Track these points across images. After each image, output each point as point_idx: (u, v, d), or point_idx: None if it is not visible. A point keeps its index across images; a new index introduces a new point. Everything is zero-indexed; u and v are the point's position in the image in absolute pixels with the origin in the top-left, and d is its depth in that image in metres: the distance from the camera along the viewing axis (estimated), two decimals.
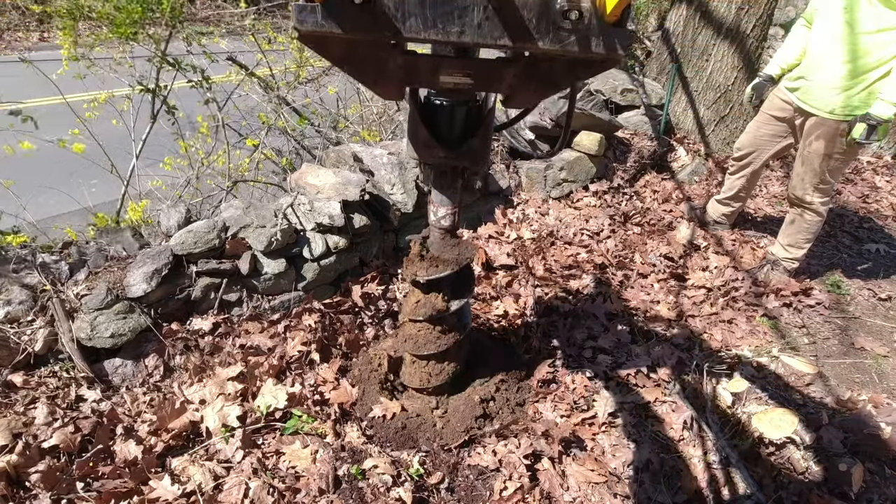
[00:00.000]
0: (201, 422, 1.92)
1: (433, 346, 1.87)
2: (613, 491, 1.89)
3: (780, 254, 3.08)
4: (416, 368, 1.99)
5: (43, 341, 1.87)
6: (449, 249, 1.72)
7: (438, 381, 1.97)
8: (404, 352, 2.02)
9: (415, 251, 1.75)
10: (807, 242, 2.98)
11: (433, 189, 1.63)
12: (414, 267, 1.74)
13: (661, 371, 2.34)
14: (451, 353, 1.95)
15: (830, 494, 1.76)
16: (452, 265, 1.70)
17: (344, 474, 1.78)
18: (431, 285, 1.78)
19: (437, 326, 1.85)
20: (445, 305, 1.79)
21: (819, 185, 2.81)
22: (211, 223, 2.32)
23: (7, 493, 1.57)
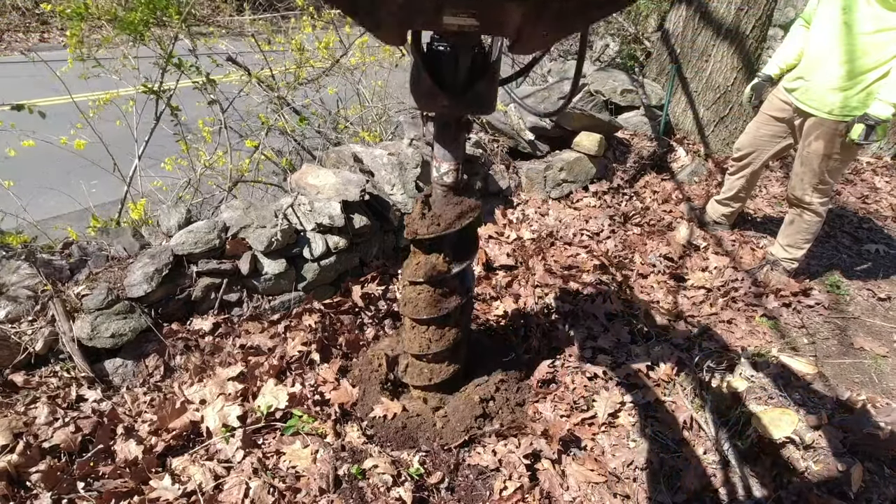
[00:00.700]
0: (202, 422, 1.92)
1: (434, 310, 1.80)
2: (613, 491, 1.89)
3: (780, 254, 3.09)
4: (415, 334, 1.91)
5: (43, 341, 1.88)
6: (451, 208, 1.65)
7: (439, 348, 1.89)
8: (404, 316, 1.92)
9: (416, 210, 1.68)
10: (806, 243, 2.98)
11: (435, 143, 1.57)
12: (415, 225, 1.67)
13: (660, 371, 2.35)
14: (453, 319, 1.88)
15: (830, 494, 1.76)
16: (455, 224, 1.64)
17: (344, 474, 1.78)
18: (433, 246, 1.72)
19: (437, 289, 1.78)
20: (447, 266, 1.73)
21: (818, 186, 2.81)
22: (211, 223, 2.32)
23: (8, 493, 1.57)
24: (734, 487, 1.86)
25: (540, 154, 3.84)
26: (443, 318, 1.83)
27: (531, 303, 2.70)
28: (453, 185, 1.63)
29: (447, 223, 1.64)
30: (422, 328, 1.88)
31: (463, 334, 1.94)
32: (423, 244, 1.72)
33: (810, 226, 2.93)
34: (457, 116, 1.50)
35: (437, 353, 1.90)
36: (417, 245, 1.75)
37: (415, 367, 2.02)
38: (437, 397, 2.07)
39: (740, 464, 1.89)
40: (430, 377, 1.98)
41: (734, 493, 1.84)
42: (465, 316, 1.96)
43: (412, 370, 2.03)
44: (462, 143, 1.58)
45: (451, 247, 1.74)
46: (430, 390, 2.05)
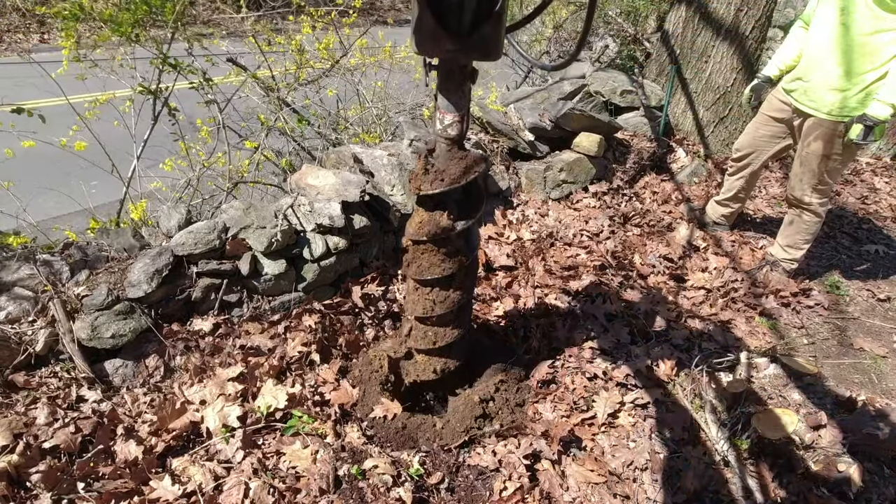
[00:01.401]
0: (202, 422, 1.92)
1: (437, 270, 1.74)
2: (613, 491, 1.89)
3: (779, 254, 3.09)
4: (418, 296, 1.85)
5: (44, 342, 1.88)
6: (456, 162, 1.59)
7: (442, 310, 1.83)
8: (407, 277, 1.84)
9: (420, 165, 1.62)
10: (805, 243, 2.99)
11: (439, 94, 1.50)
12: (418, 181, 1.61)
13: (660, 371, 2.35)
14: (457, 280, 1.81)
15: (829, 494, 1.77)
16: (459, 178, 1.57)
17: (344, 474, 1.78)
18: (437, 203, 1.65)
19: (441, 248, 1.71)
20: (451, 224, 1.65)
21: (817, 186, 2.82)
22: (211, 224, 2.33)
23: (8, 494, 1.57)
24: (734, 488, 1.86)
25: (540, 155, 3.84)
26: (447, 279, 1.77)
27: (531, 303, 2.70)
28: (457, 137, 1.56)
29: (451, 178, 1.57)
30: (426, 289, 1.82)
31: (467, 296, 1.89)
32: (427, 201, 1.66)
33: (809, 226, 2.93)
34: (461, 63, 1.43)
35: (441, 315, 1.85)
36: (421, 202, 1.68)
37: (418, 331, 1.97)
38: (442, 361, 2.02)
39: (740, 464, 1.89)
40: (435, 340, 1.93)
41: (734, 494, 1.84)
42: (470, 277, 1.89)
43: (416, 333, 1.98)
44: (467, 93, 1.50)
45: (456, 203, 1.68)
46: (434, 354, 2.01)
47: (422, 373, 2.06)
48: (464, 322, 1.97)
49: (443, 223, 1.64)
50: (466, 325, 1.99)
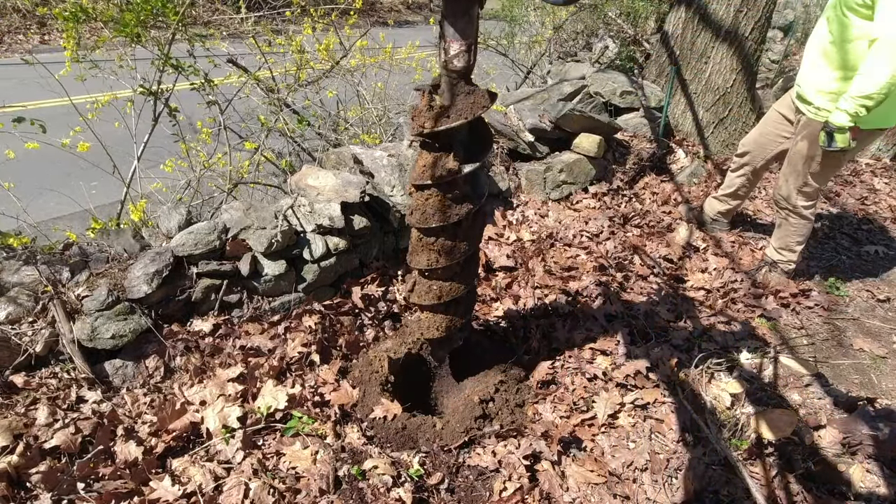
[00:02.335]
0: (202, 423, 1.92)
1: (443, 217, 1.64)
2: (613, 492, 1.90)
3: (774, 256, 3.10)
4: (422, 246, 1.75)
5: (44, 342, 1.88)
6: (462, 97, 1.49)
7: (448, 262, 1.73)
8: (411, 225, 1.74)
9: (423, 102, 1.52)
10: (798, 245, 2.99)
11: (444, 21, 1.40)
12: (421, 118, 1.50)
13: (660, 372, 2.35)
14: (464, 228, 1.72)
15: (829, 495, 1.77)
16: (466, 114, 1.47)
17: (344, 475, 1.78)
18: (442, 143, 1.55)
19: (447, 194, 1.62)
20: (457, 165, 1.56)
21: (802, 188, 2.82)
22: (211, 225, 2.33)
23: (8, 494, 1.57)
24: (734, 488, 1.86)
25: (539, 155, 3.85)
26: (453, 227, 1.68)
27: (531, 304, 2.70)
28: (464, 69, 1.45)
29: (458, 114, 1.47)
30: (429, 240, 1.72)
31: (474, 247, 1.80)
32: (431, 142, 1.56)
33: (798, 228, 2.95)
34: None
35: (447, 267, 1.75)
36: (425, 144, 1.58)
37: (422, 286, 1.87)
38: (447, 318, 1.93)
39: (740, 464, 1.89)
40: (440, 295, 1.84)
41: (734, 494, 1.84)
42: (477, 226, 1.80)
43: (419, 289, 1.88)
44: (475, 19, 1.40)
45: (462, 144, 1.59)
46: (439, 311, 1.93)
47: (426, 331, 1.99)
48: (470, 276, 1.89)
49: (448, 165, 1.54)
50: (473, 279, 1.91)
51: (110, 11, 2.84)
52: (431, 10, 16.02)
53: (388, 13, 16.16)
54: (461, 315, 1.99)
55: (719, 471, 1.92)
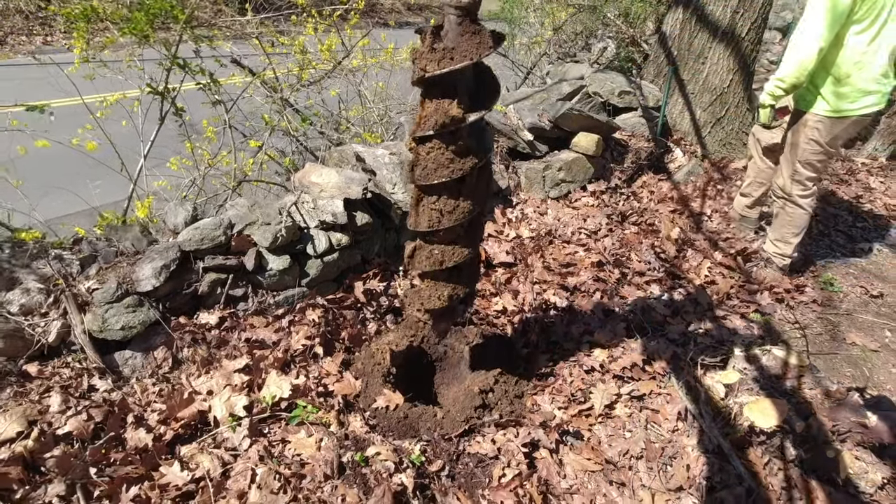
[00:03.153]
0: (209, 411, 1.98)
1: (446, 172, 1.53)
2: (609, 478, 1.95)
3: (770, 249, 3.16)
4: (424, 206, 1.65)
5: (56, 333, 1.93)
6: (467, 38, 1.37)
7: (451, 222, 1.62)
8: (411, 183, 1.64)
9: (426, 43, 1.40)
10: (794, 237, 3.06)
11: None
12: (423, 61, 1.39)
13: (656, 365, 2.40)
14: (468, 185, 1.61)
15: (818, 480, 1.82)
16: (471, 55, 1.36)
17: (348, 461, 1.84)
18: (445, 89, 1.44)
19: (450, 146, 1.51)
20: (462, 114, 1.44)
21: (794, 176, 2.93)
22: (217, 220, 2.38)
23: (24, 477, 1.62)
24: (727, 475, 1.91)
25: (539, 154, 3.90)
26: (457, 183, 1.57)
27: (530, 298, 2.75)
28: (469, 6, 1.35)
29: (462, 56, 1.36)
30: (431, 198, 1.62)
31: (479, 208, 1.67)
32: (433, 88, 1.46)
33: (794, 219, 3.02)
34: None
35: (450, 228, 1.64)
36: (426, 92, 1.48)
37: (423, 251, 1.76)
38: (450, 287, 1.82)
39: (732, 452, 1.95)
40: (442, 260, 1.73)
41: (727, 480, 1.89)
42: (482, 184, 1.68)
43: (419, 254, 1.78)
44: None
45: (467, 91, 1.48)
46: (440, 279, 1.83)
47: (426, 301, 1.87)
48: (475, 240, 1.78)
49: (452, 112, 1.43)
50: (477, 244, 1.81)
51: (120, 12, 2.90)
52: (432, 12, 16.10)
53: (388, 14, 16.26)
54: (464, 284, 1.87)
55: (713, 458, 1.96)
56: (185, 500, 1.72)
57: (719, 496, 1.84)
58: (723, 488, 1.87)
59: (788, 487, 1.83)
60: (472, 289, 1.92)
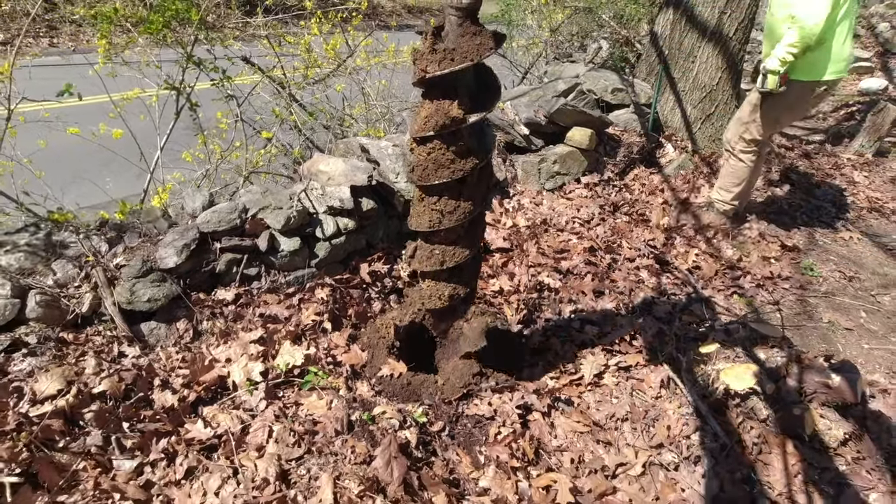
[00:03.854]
0: (228, 377, 2.15)
1: (446, 173, 1.53)
2: (596, 438, 2.12)
3: (714, 195, 3.52)
4: (425, 207, 1.65)
5: (88, 304, 2.11)
6: (468, 38, 1.38)
7: (451, 223, 1.62)
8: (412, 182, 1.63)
9: (426, 43, 1.41)
10: (734, 186, 3.39)
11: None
12: (423, 62, 1.40)
13: (642, 339, 2.58)
14: (469, 186, 1.61)
15: (787, 436, 1.99)
16: (472, 56, 1.36)
17: (356, 419, 2.01)
18: (445, 90, 1.45)
19: (451, 146, 1.52)
20: (462, 114, 1.45)
21: (743, 134, 3.23)
22: (232, 205, 2.56)
23: (65, 430, 1.79)
24: (705, 433, 2.08)
25: (535, 148, 4.08)
26: (457, 184, 1.58)
27: (525, 280, 2.93)
28: (471, 5, 1.35)
29: (463, 57, 1.37)
30: (432, 199, 1.63)
31: (480, 208, 1.69)
32: (434, 89, 1.47)
33: (736, 170, 3.34)
34: None
35: (451, 229, 1.65)
36: (427, 93, 1.48)
37: (423, 251, 1.78)
38: (451, 287, 1.83)
39: (710, 413, 2.12)
40: (443, 260, 1.75)
41: (704, 438, 2.06)
42: (483, 185, 1.69)
43: (420, 254, 1.80)
44: None
45: (468, 92, 1.49)
46: (441, 279, 1.84)
47: (427, 300, 1.91)
48: (475, 241, 1.80)
49: (452, 113, 1.44)
50: (478, 244, 1.82)
51: (139, 13, 3.08)
52: (433, 14, 16.29)
53: (389, 17, 16.47)
54: (465, 283, 1.90)
55: (692, 419, 2.13)
56: (208, 452, 1.89)
57: (696, 451, 2.01)
58: (700, 444, 2.04)
59: (759, 443, 2.00)
60: (473, 288, 1.92)
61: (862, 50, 9.89)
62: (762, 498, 1.84)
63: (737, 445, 2.02)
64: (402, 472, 1.79)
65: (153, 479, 1.78)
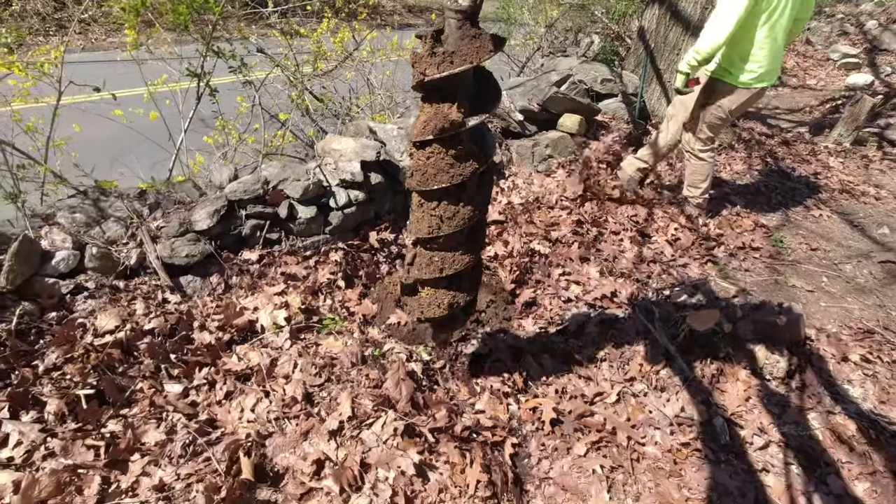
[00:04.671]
0: (256, 322, 2.46)
1: (445, 178, 1.50)
2: (578, 374, 2.43)
3: (686, 193, 3.82)
4: (423, 213, 1.61)
5: (135, 258, 2.42)
6: (468, 41, 1.35)
7: (451, 228, 1.59)
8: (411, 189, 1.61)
9: (425, 47, 1.39)
10: (701, 183, 3.67)
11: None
12: (422, 65, 1.38)
13: (622, 296, 2.89)
14: (469, 191, 1.57)
15: (741, 368, 2.31)
16: (471, 59, 1.34)
17: (369, 354, 2.32)
18: (446, 93, 1.43)
19: (450, 150, 1.49)
20: (461, 118, 1.43)
21: (699, 134, 3.51)
22: (256, 177, 2.87)
23: (122, 358, 2.11)
24: (672, 369, 2.40)
25: (528, 133, 4.39)
26: (457, 189, 1.55)
27: (518, 247, 3.24)
28: (469, 9, 1.33)
29: (462, 60, 1.35)
30: (431, 204, 1.59)
31: (480, 214, 1.65)
32: (434, 93, 1.45)
33: (698, 168, 3.62)
34: None
35: (450, 235, 1.61)
36: (426, 96, 1.47)
37: (423, 257, 1.75)
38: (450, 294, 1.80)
39: (677, 352, 2.43)
40: (442, 267, 1.71)
41: (671, 372, 2.38)
42: (484, 189, 1.66)
43: (419, 261, 1.77)
44: None
45: (467, 96, 1.47)
46: (441, 286, 1.81)
47: (426, 309, 1.86)
48: (476, 247, 1.77)
49: (452, 116, 1.42)
50: (479, 251, 1.80)
51: (164, 6, 3.39)
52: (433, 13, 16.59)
53: (390, 16, 16.78)
54: (466, 291, 1.84)
55: (661, 357, 2.45)
56: (243, 380, 2.20)
57: (664, 383, 2.32)
58: (667, 377, 2.36)
59: (717, 374, 2.32)
60: (473, 297, 1.88)
61: (850, 47, 10.24)
62: (717, 416, 2.16)
63: (697, 377, 2.34)
64: (409, 392, 2.11)
65: (198, 399, 2.10)
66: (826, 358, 2.42)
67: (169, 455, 1.85)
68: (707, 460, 2.01)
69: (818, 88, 8.55)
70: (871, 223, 4.11)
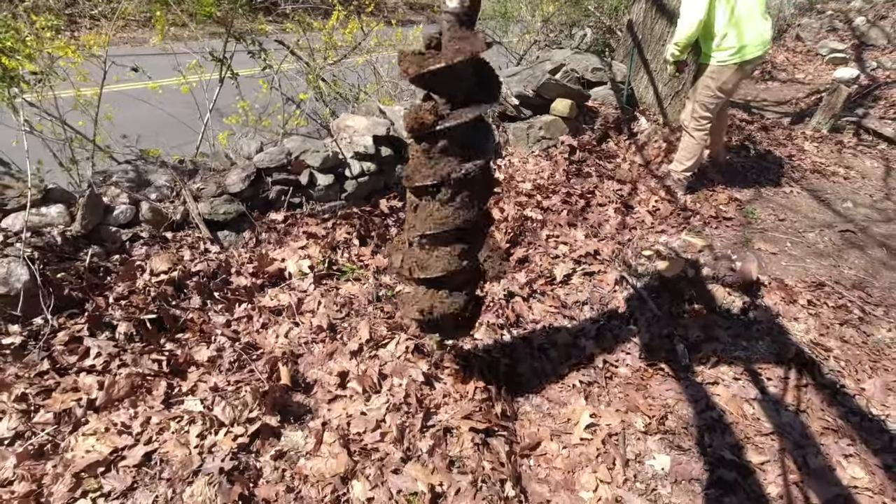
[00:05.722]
0: (284, 269, 2.84)
1: (419, 176, 1.52)
2: (563, 314, 2.81)
3: (671, 167, 4.18)
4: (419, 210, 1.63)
5: (180, 214, 2.80)
6: (455, 42, 1.38)
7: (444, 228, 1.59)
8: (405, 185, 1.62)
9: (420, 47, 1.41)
10: (687, 160, 4.03)
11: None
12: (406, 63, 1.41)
13: (604, 254, 3.27)
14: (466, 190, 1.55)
15: (703, 308, 2.69)
16: (448, 59, 1.35)
17: (383, 295, 2.70)
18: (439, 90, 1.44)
19: (428, 148, 1.51)
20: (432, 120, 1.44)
21: (693, 114, 3.88)
22: (280, 148, 3.25)
23: (174, 294, 2.49)
24: (643, 310, 2.78)
25: (524, 117, 4.77)
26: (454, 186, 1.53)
27: (512, 213, 3.62)
28: (460, 11, 1.35)
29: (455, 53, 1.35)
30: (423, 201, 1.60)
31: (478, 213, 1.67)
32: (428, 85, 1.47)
33: (688, 146, 3.98)
34: None
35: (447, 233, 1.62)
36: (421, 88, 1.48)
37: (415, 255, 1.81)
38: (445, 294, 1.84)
39: (648, 296, 2.81)
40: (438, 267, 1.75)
41: (644, 313, 2.76)
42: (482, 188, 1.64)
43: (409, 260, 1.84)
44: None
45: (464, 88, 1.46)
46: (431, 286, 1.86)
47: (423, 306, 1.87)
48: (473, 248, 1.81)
49: (423, 118, 1.44)
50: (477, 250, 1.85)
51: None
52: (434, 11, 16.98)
53: (392, 13, 17.14)
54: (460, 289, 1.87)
55: (635, 302, 2.83)
56: (275, 314, 2.58)
57: (636, 317, 2.70)
58: (641, 315, 2.74)
59: (681, 312, 2.70)
60: (471, 296, 1.90)
61: (839, 42, 10.60)
62: (679, 344, 2.54)
63: (663, 315, 2.72)
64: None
65: (238, 329, 2.49)
66: (777, 300, 2.81)
67: (219, 367, 2.23)
68: (669, 377, 2.40)
69: (806, 82, 8.91)
70: (837, 199, 4.49)
